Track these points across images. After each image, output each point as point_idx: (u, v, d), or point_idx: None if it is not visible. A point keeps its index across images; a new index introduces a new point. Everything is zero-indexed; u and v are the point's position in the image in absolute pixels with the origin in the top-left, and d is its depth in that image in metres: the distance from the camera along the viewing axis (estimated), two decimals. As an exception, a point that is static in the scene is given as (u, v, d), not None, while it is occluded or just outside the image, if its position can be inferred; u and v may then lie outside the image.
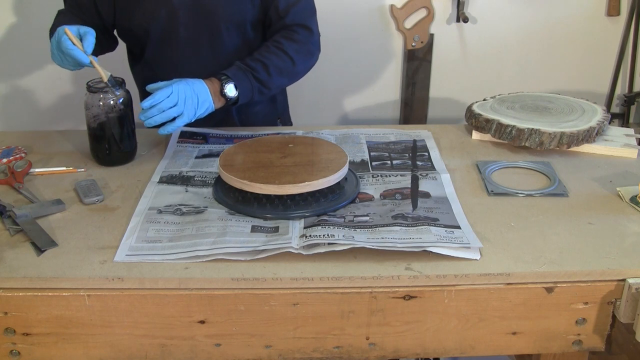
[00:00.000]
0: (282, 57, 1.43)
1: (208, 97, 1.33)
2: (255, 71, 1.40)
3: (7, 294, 0.96)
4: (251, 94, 1.40)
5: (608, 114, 1.46)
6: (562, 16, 2.30)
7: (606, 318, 1.01)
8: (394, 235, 1.03)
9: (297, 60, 1.45)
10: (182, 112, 1.28)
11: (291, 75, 1.48)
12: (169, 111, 1.26)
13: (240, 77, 1.38)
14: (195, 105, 1.30)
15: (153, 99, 1.25)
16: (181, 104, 1.28)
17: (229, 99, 1.36)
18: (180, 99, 1.28)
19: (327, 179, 1.12)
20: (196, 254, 1.00)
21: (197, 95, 1.31)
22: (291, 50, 1.43)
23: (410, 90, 2.36)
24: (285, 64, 1.43)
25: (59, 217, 1.13)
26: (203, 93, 1.32)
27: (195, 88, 1.31)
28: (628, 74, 2.41)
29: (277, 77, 1.43)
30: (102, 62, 1.29)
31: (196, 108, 1.31)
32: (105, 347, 1.00)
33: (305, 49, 1.47)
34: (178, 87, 1.28)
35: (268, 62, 1.41)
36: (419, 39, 2.27)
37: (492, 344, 1.03)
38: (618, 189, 1.20)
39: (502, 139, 1.39)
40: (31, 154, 1.39)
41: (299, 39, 1.46)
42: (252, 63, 1.40)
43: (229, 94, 1.36)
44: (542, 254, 1.01)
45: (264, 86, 1.41)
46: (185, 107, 1.28)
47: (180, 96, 1.28)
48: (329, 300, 0.97)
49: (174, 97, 1.27)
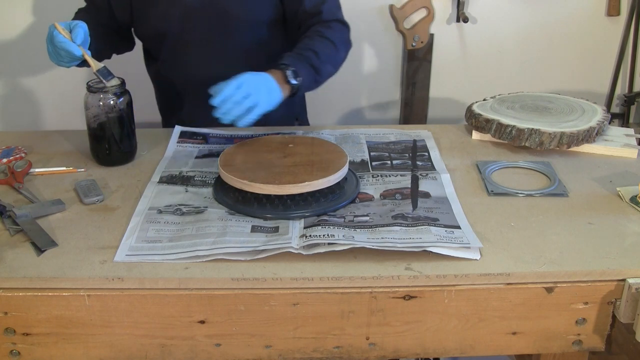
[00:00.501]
0: (326, 43, 1.39)
1: (276, 85, 1.26)
2: (308, 58, 1.34)
3: (7, 294, 0.96)
4: (309, 82, 1.34)
5: (608, 114, 1.46)
6: (562, 16, 2.30)
7: (606, 318, 1.01)
8: (394, 235, 1.03)
9: (339, 46, 1.41)
10: (257, 102, 1.21)
11: (336, 63, 1.42)
12: (244, 102, 1.20)
13: (298, 63, 1.32)
14: (267, 94, 1.24)
15: (223, 93, 1.20)
16: (254, 94, 1.21)
17: (293, 85, 1.29)
18: (252, 88, 1.21)
19: (327, 179, 1.12)
20: (196, 254, 1.00)
21: (266, 84, 1.25)
22: (333, 37, 1.40)
23: (410, 90, 2.36)
24: (331, 51, 1.39)
25: (59, 217, 1.13)
26: (270, 82, 1.26)
27: (263, 78, 1.25)
28: (628, 74, 2.41)
29: (327, 64, 1.38)
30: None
31: (269, 97, 1.24)
32: (105, 347, 1.00)
33: (344, 37, 1.44)
34: (246, 78, 1.22)
35: (317, 49, 1.36)
36: (419, 39, 2.27)
37: (492, 344, 1.03)
38: (618, 189, 1.20)
39: (502, 139, 1.39)
40: (31, 154, 1.39)
41: (337, 28, 1.44)
42: (303, 52, 1.35)
43: (292, 81, 1.29)
44: (542, 254, 1.01)
45: (318, 74, 1.36)
46: (260, 96, 1.22)
47: (251, 86, 1.21)
48: (329, 300, 0.97)
49: (245, 88, 1.20)
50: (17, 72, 2.27)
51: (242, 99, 1.19)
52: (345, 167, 1.17)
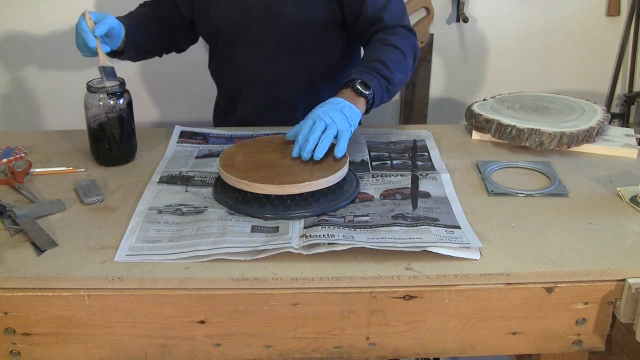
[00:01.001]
0: (393, 51, 1.35)
1: (348, 105, 1.23)
2: (377, 69, 1.30)
3: (7, 294, 0.96)
4: (381, 92, 1.30)
5: (608, 114, 1.46)
6: (562, 16, 2.30)
7: (606, 318, 1.01)
8: (394, 235, 1.03)
9: (407, 52, 1.37)
10: (338, 130, 1.19)
11: (405, 70, 1.37)
12: (326, 137, 1.17)
13: (367, 75, 1.29)
14: (343, 118, 1.20)
15: (300, 137, 1.18)
16: (332, 123, 1.18)
17: (365, 95, 1.26)
18: (326, 120, 1.18)
19: (327, 179, 1.12)
20: (196, 254, 1.00)
21: (339, 109, 1.21)
22: (399, 44, 1.36)
23: (410, 90, 2.36)
24: (398, 57, 1.35)
25: (59, 217, 1.13)
26: (342, 104, 1.22)
27: (332, 104, 1.22)
28: (628, 74, 2.41)
29: (397, 72, 1.33)
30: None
31: (347, 119, 1.21)
32: (105, 347, 1.00)
33: (409, 43, 1.39)
34: (316, 113, 1.20)
35: (384, 58, 1.32)
36: (419, 39, 2.27)
37: (492, 344, 1.03)
38: (618, 189, 1.20)
39: (502, 139, 1.39)
40: (31, 154, 1.39)
41: (401, 34, 1.40)
42: (370, 63, 1.32)
43: (363, 91, 1.26)
44: (542, 254, 1.01)
45: (390, 83, 1.32)
46: (338, 123, 1.19)
47: (324, 118, 1.18)
48: (329, 300, 0.97)
49: (319, 123, 1.18)
50: (17, 72, 2.27)
51: (320, 134, 1.17)
52: (345, 167, 1.17)
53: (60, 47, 2.19)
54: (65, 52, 2.20)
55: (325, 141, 1.17)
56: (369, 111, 1.30)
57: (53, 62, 2.24)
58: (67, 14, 2.13)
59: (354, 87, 1.27)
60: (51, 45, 2.20)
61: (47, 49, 2.21)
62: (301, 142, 1.18)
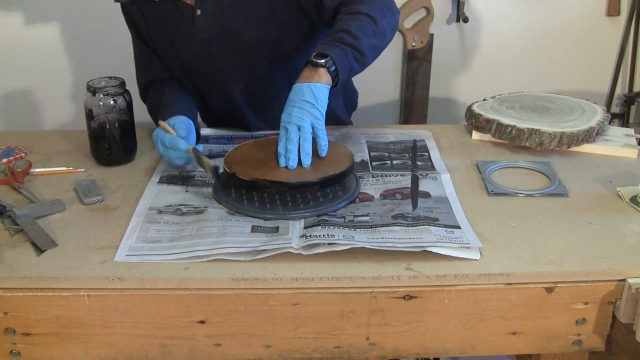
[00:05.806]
0: (358, 17, 1.28)
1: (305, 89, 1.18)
2: (337, 39, 1.24)
3: (7, 294, 0.96)
4: (347, 59, 1.23)
5: (608, 114, 1.46)
6: (562, 16, 2.30)
7: (606, 318, 1.01)
8: (394, 235, 1.03)
9: (375, 15, 1.29)
10: (312, 125, 1.17)
11: (378, 34, 1.29)
12: (303, 139, 1.16)
13: (323, 46, 1.23)
14: (310, 106, 1.18)
15: (281, 155, 1.17)
16: (302, 122, 1.17)
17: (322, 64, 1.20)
18: (296, 122, 1.17)
19: (340, 165, 1.15)
20: (196, 254, 1.00)
21: (300, 104, 1.18)
22: (363, 9, 1.28)
23: (410, 90, 2.36)
24: (364, 22, 1.27)
25: (59, 217, 1.13)
26: (299, 96, 1.19)
27: (291, 98, 1.19)
28: (628, 74, 2.41)
29: (365, 38, 1.25)
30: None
31: (314, 103, 1.18)
32: (105, 347, 1.00)
33: (379, 5, 1.31)
34: (284, 120, 1.18)
35: (346, 27, 1.25)
36: (419, 39, 2.27)
37: (492, 344, 1.03)
38: (618, 189, 1.20)
39: (502, 139, 1.39)
40: (31, 154, 1.39)
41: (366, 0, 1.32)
42: (331, 35, 1.26)
43: (318, 61, 1.20)
44: (542, 254, 1.01)
45: (357, 50, 1.24)
46: (308, 119, 1.17)
47: (293, 120, 1.17)
48: (329, 300, 0.97)
49: (291, 128, 1.17)
50: (17, 72, 2.27)
51: (297, 139, 1.16)
52: (350, 161, 1.18)
53: (61, 47, 2.19)
54: (65, 52, 2.20)
55: (306, 144, 1.16)
56: (339, 82, 1.23)
57: (53, 62, 2.24)
58: (67, 13, 2.14)
59: (310, 61, 1.22)
60: (51, 45, 2.20)
61: (47, 48, 2.22)
62: (283, 153, 1.17)
